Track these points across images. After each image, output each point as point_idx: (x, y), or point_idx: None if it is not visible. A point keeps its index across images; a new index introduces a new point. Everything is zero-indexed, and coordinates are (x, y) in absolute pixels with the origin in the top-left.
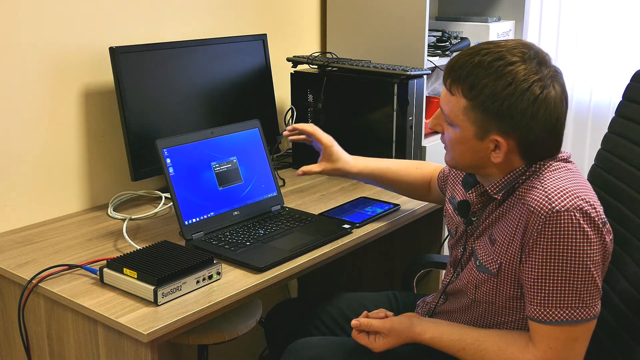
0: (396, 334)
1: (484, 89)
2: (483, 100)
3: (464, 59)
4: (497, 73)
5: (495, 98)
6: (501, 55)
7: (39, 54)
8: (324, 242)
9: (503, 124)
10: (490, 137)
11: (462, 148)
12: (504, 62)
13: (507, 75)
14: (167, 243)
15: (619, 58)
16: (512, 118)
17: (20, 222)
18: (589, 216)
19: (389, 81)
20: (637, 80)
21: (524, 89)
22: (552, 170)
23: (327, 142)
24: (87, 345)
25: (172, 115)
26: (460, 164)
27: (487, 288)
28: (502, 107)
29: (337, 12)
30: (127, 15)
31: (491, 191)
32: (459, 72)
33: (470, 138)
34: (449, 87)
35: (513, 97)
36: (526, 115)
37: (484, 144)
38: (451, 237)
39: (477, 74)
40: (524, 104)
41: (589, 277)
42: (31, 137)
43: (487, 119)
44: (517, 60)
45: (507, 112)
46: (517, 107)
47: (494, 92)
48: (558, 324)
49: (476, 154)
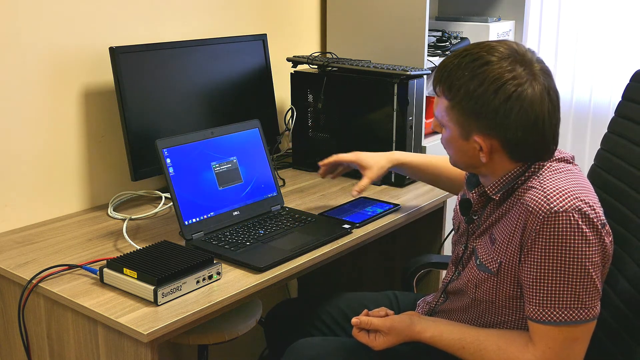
0: (396, 333)
1: (460, 89)
2: (459, 100)
3: (447, 61)
4: (472, 73)
5: (469, 97)
6: (479, 55)
7: (39, 54)
8: (324, 242)
9: (480, 123)
10: (473, 137)
11: (454, 148)
12: (480, 62)
13: (481, 74)
14: (167, 243)
15: (619, 58)
16: (486, 117)
17: (20, 222)
18: (588, 217)
19: (389, 81)
20: (637, 80)
21: (496, 87)
22: (552, 171)
23: (352, 158)
24: (87, 345)
25: (172, 115)
26: (459, 164)
27: (487, 287)
28: (477, 106)
29: (337, 12)
30: (127, 15)
31: (490, 192)
32: (441, 73)
33: (457, 138)
34: (434, 88)
35: (485, 96)
36: (499, 114)
37: (470, 144)
38: (455, 232)
39: (455, 75)
40: (496, 102)
41: (588, 278)
42: (31, 137)
43: (466, 119)
44: (493, 60)
45: (481, 111)
46: (489, 105)
47: (467, 92)
48: (557, 325)
49: (466, 154)
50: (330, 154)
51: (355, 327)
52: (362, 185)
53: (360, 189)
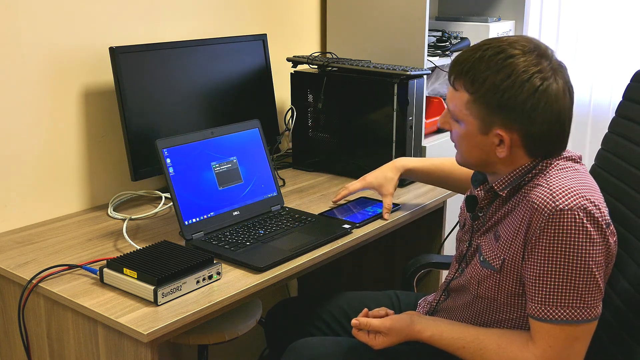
0: (396, 332)
1: (484, 82)
2: (484, 93)
3: (466, 55)
4: (497, 66)
5: (495, 90)
6: (502, 49)
7: (39, 54)
8: (324, 242)
9: (505, 116)
10: (494, 131)
11: (468, 144)
12: (504, 55)
13: (507, 67)
14: (167, 243)
15: (619, 58)
16: (513, 110)
17: (20, 222)
18: (593, 216)
19: (389, 81)
20: (637, 80)
21: (524, 80)
22: (559, 170)
23: (361, 185)
24: (87, 345)
25: (172, 115)
26: (469, 161)
27: (490, 284)
28: (503, 99)
29: (337, 12)
30: (127, 15)
31: (497, 187)
32: (461, 67)
33: (475, 133)
34: (452, 83)
35: (513, 89)
36: (526, 107)
37: (489, 138)
38: (460, 228)
39: (478, 68)
40: (524, 95)
41: (591, 277)
42: (31, 137)
43: (489, 112)
44: (517, 53)
45: (507, 104)
46: (517, 98)
47: (494, 85)
48: (558, 323)
49: (482, 150)
50: (330, 154)
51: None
52: (389, 205)
53: (389, 210)
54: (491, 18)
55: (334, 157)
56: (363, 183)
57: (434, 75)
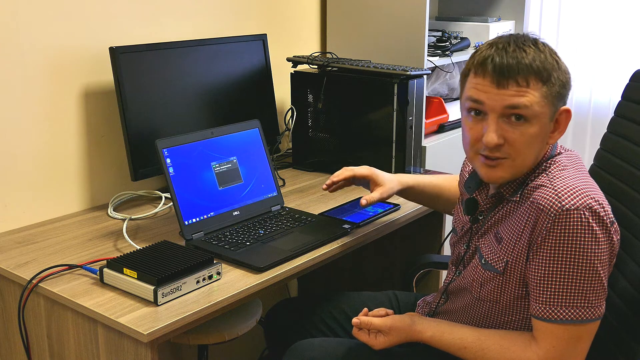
0: (396, 332)
1: (549, 68)
2: (555, 78)
3: (515, 53)
4: (540, 49)
5: (561, 71)
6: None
7: (39, 54)
8: (324, 242)
9: (566, 93)
10: (559, 112)
11: (539, 140)
12: (533, 39)
13: (545, 48)
14: (167, 243)
15: (618, 58)
16: (568, 84)
17: (20, 222)
18: (598, 215)
19: (389, 81)
20: (636, 80)
21: (557, 54)
22: (561, 169)
23: (366, 172)
24: (87, 345)
25: (172, 115)
26: (528, 163)
27: (492, 286)
28: (563, 74)
29: (337, 12)
30: (127, 15)
31: (507, 193)
32: (525, 65)
33: (546, 123)
34: (522, 82)
35: (562, 65)
36: (570, 78)
37: (551, 124)
38: (454, 234)
39: (539, 58)
40: (565, 67)
41: (596, 276)
42: (31, 137)
43: (559, 95)
44: (536, 35)
45: (567, 79)
46: (567, 72)
47: (555, 66)
48: (562, 323)
49: (543, 142)
50: (330, 154)
51: (355, 327)
52: (374, 198)
53: (370, 201)
54: (491, 18)
55: (334, 157)
56: (369, 172)
57: (434, 75)
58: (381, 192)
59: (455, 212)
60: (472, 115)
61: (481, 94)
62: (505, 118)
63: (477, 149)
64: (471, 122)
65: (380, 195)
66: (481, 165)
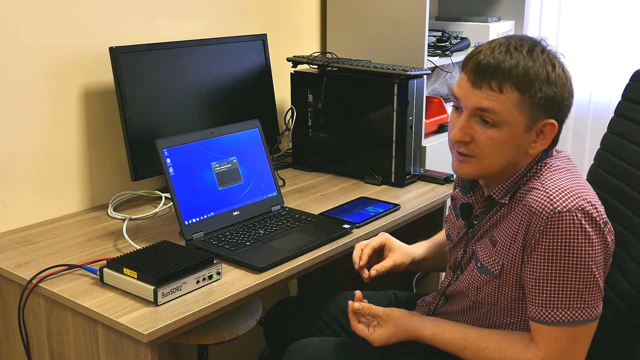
0: (394, 322)
1: (536, 78)
2: (538, 88)
3: (501, 56)
4: (538, 60)
5: (550, 83)
6: (530, 42)
7: (39, 54)
8: (324, 242)
9: (555, 107)
10: (539, 125)
11: (506, 147)
12: (539, 49)
13: (548, 60)
14: (167, 243)
15: (618, 58)
16: (563, 99)
17: (20, 222)
18: (591, 216)
19: (389, 81)
20: (636, 80)
21: (562, 67)
22: (553, 171)
23: (381, 240)
24: (87, 345)
25: (172, 115)
26: (495, 168)
27: (489, 289)
28: (555, 88)
29: (337, 12)
30: (127, 15)
31: (496, 196)
32: (506, 68)
33: (519, 133)
34: (495, 88)
35: (561, 79)
36: (571, 95)
37: (530, 135)
38: (450, 241)
39: (526, 64)
40: (568, 84)
41: (591, 277)
42: (31, 137)
43: (540, 106)
44: (542, 44)
45: (556, 94)
46: (565, 88)
47: (546, 79)
48: (559, 325)
49: (518, 150)
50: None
51: (354, 313)
52: (385, 266)
53: (380, 270)
54: (491, 18)
55: (334, 157)
56: (383, 238)
57: (434, 75)
58: (394, 260)
59: (448, 220)
60: (454, 109)
61: (460, 90)
62: (477, 118)
63: (454, 142)
64: (452, 116)
65: (394, 263)
66: (454, 158)
